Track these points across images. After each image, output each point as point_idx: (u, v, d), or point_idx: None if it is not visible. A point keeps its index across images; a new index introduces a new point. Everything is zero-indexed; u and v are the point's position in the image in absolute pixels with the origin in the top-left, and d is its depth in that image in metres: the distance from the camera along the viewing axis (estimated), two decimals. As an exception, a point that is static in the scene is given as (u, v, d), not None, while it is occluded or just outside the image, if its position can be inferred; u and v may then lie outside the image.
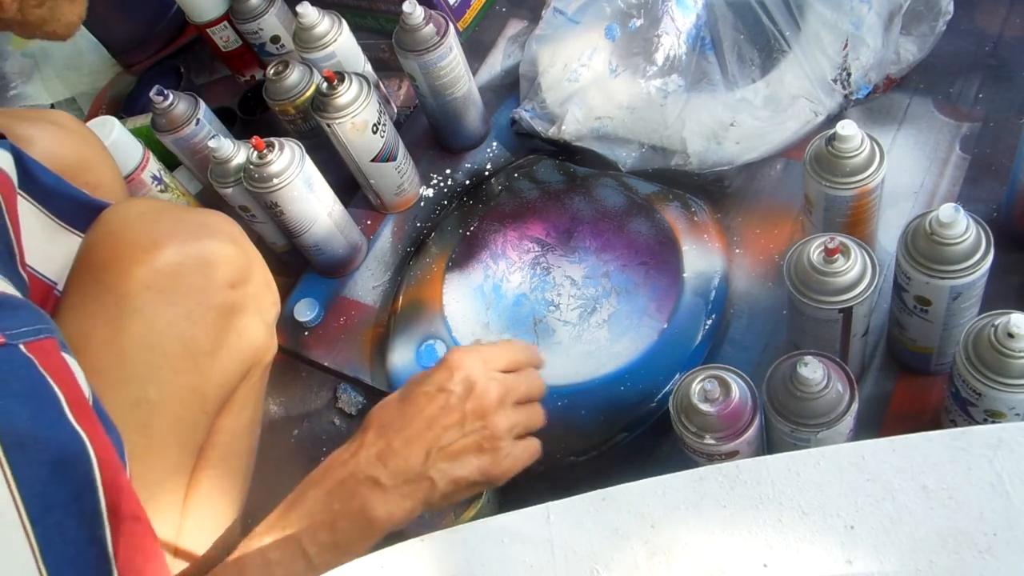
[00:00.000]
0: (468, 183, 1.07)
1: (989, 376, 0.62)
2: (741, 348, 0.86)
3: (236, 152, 0.94)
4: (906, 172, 0.90)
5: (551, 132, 1.03)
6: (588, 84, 1.03)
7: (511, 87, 1.13)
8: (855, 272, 0.67)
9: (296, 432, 0.97)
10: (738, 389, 0.66)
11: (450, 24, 0.96)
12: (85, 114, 1.42)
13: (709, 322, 0.87)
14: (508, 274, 0.97)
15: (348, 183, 1.06)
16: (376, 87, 1.03)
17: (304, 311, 1.01)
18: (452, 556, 0.52)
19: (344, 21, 1.01)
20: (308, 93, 0.99)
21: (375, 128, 0.95)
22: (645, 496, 0.51)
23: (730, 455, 0.67)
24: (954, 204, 0.64)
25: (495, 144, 1.09)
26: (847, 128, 0.71)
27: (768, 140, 0.94)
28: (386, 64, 1.18)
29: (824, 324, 0.70)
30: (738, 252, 0.92)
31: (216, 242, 0.70)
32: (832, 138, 0.72)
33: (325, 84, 0.92)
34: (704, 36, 1.01)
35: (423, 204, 1.07)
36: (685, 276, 0.90)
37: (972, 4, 0.99)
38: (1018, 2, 0.99)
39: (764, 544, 0.47)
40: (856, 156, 0.72)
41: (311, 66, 1.01)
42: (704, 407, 0.66)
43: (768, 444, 0.72)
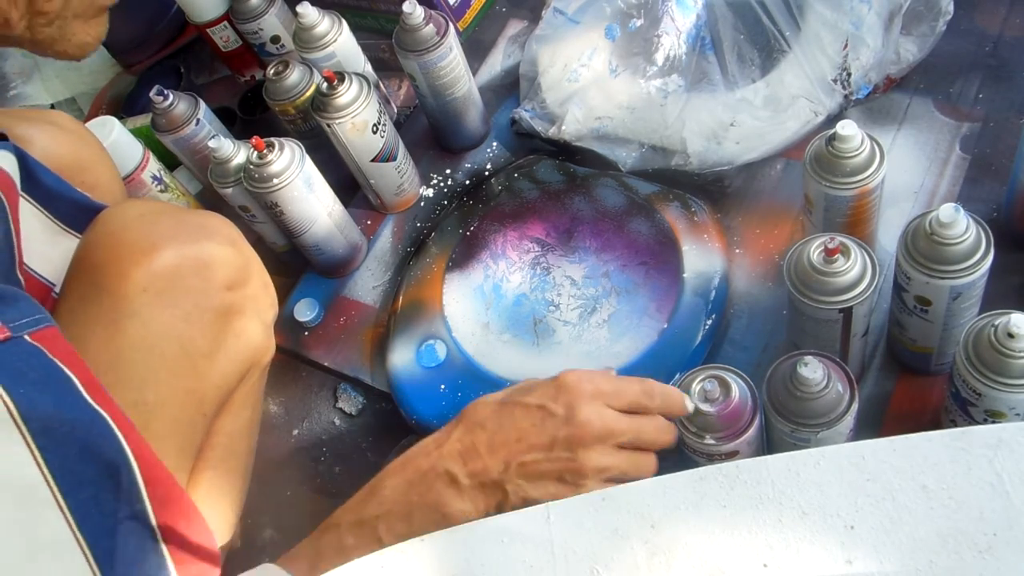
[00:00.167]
0: (468, 183, 1.07)
1: (989, 376, 0.62)
2: (741, 348, 0.86)
3: (236, 152, 0.94)
4: (906, 172, 0.90)
5: (551, 132, 1.03)
6: (588, 84, 1.03)
7: (511, 87, 1.13)
8: (855, 272, 0.67)
9: (296, 432, 0.97)
10: (738, 389, 0.66)
11: (450, 24, 0.96)
12: (85, 114, 1.42)
13: (709, 322, 0.87)
14: (508, 274, 0.97)
15: (348, 183, 1.06)
16: (376, 87, 1.03)
17: (304, 311, 1.01)
18: (452, 556, 0.52)
19: (344, 21, 1.01)
20: (308, 93, 0.99)
21: (375, 128, 0.95)
22: (645, 496, 0.51)
23: (730, 455, 0.67)
24: (954, 204, 0.64)
25: (495, 144, 1.09)
26: (847, 128, 0.71)
27: (768, 140, 0.94)
28: (386, 64, 1.18)
29: (824, 324, 0.70)
30: (738, 252, 0.92)
31: (214, 244, 0.70)
32: (832, 138, 0.72)
33: (325, 84, 0.92)
34: (704, 36, 1.01)
35: (423, 204, 1.07)
36: (685, 276, 0.90)
37: (972, 4, 0.99)
38: (1018, 2, 0.99)
39: (764, 544, 0.47)
40: (856, 156, 0.72)
41: (311, 66, 1.01)
42: (704, 407, 0.66)
43: (768, 444, 0.72)
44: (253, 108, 1.24)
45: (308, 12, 0.98)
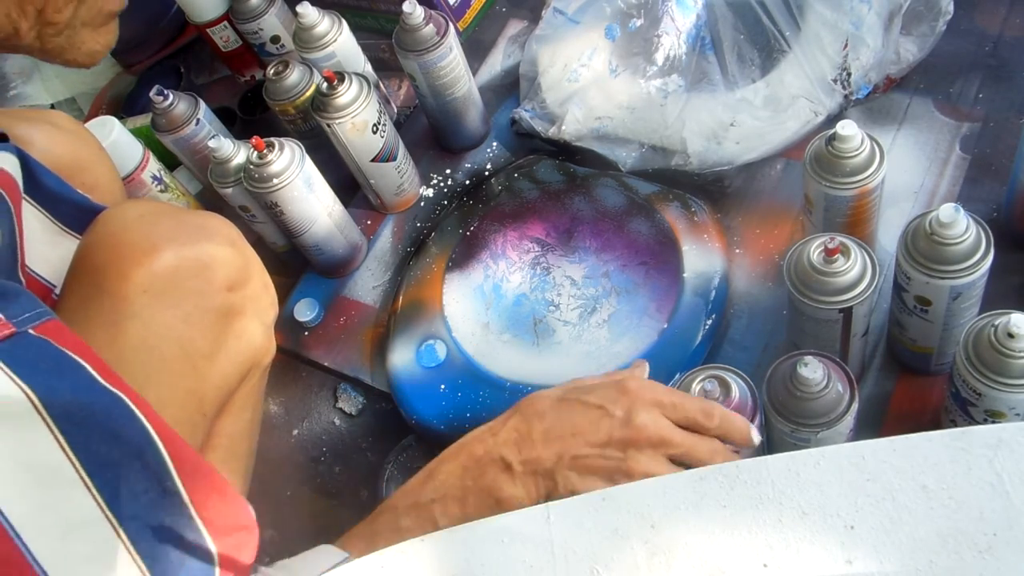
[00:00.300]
0: (468, 183, 1.07)
1: (989, 376, 0.62)
2: (741, 348, 0.86)
3: (236, 152, 0.94)
4: (906, 172, 0.90)
5: (551, 132, 1.03)
6: (588, 84, 1.03)
7: (511, 87, 1.13)
8: (855, 272, 0.67)
9: (296, 432, 0.97)
10: (738, 389, 0.66)
11: (450, 24, 0.96)
12: (85, 114, 1.42)
13: (709, 322, 0.87)
14: (508, 274, 0.97)
15: (348, 183, 1.06)
16: (376, 87, 1.03)
17: (304, 311, 1.01)
18: (452, 556, 0.52)
19: (344, 21, 1.01)
20: (308, 93, 0.99)
21: (375, 128, 0.95)
22: (645, 496, 0.51)
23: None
24: (954, 204, 0.64)
25: (495, 144, 1.09)
26: (847, 128, 0.71)
27: (768, 140, 0.94)
28: (386, 64, 1.18)
29: (824, 324, 0.70)
30: (738, 252, 0.92)
31: (214, 245, 0.69)
32: (832, 138, 0.72)
33: (325, 84, 0.92)
34: (704, 36, 1.01)
35: (423, 204, 1.07)
36: (685, 276, 0.90)
37: (972, 4, 0.99)
38: (1018, 2, 0.99)
39: (764, 544, 0.47)
40: (856, 156, 0.72)
41: (311, 66, 1.01)
42: (704, 407, 0.66)
43: (768, 444, 0.72)
44: (253, 108, 1.24)
45: (308, 12, 0.98)
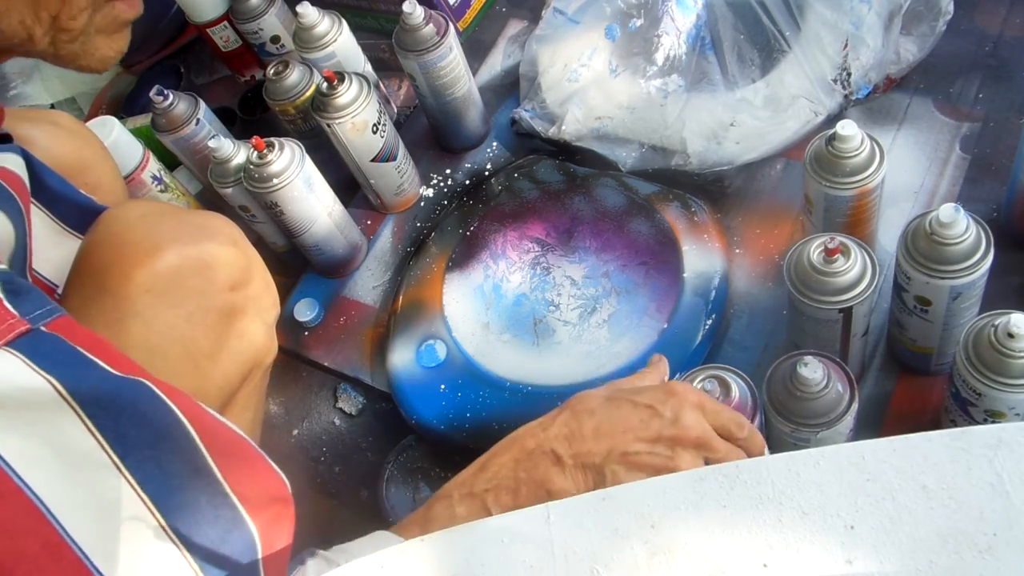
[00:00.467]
0: (468, 183, 1.07)
1: (989, 376, 0.62)
2: (741, 348, 0.86)
3: (236, 152, 0.94)
4: (906, 172, 0.90)
5: (551, 132, 1.03)
6: (588, 84, 1.03)
7: (511, 87, 1.13)
8: (855, 272, 0.67)
9: (296, 432, 0.97)
10: (738, 389, 0.66)
11: (450, 24, 0.96)
12: (85, 114, 1.42)
13: (709, 322, 0.87)
14: (508, 274, 0.97)
15: (348, 183, 1.06)
16: (376, 87, 1.03)
17: (304, 311, 1.01)
18: (452, 556, 0.52)
19: (344, 21, 1.01)
20: (308, 93, 0.99)
21: (375, 128, 0.95)
22: (645, 496, 0.51)
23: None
24: (954, 204, 0.64)
25: (495, 144, 1.09)
26: (847, 128, 0.71)
27: (768, 140, 0.94)
28: (386, 64, 1.18)
29: (824, 324, 0.70)
30: (738, 252, 0.92)
31: (216, 245, 0.70)
32: (832, 138, 0.72)
33: (325, 84, 0.92)
34: (704, 36, 1.01)
35: (423, 204, 1.07)
36: (685, 276, 0.90)
37: (972, 4, 0.99)
38: (1018, 2, 0.99)
39: (764, 544, 0.47)
40: (856, 156, 0.72)
41: (311, 66, 1.01)
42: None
43: (768, 444, 0.72)
44: (253, 108, 1.24)
45: (308, 12, 0.98)
